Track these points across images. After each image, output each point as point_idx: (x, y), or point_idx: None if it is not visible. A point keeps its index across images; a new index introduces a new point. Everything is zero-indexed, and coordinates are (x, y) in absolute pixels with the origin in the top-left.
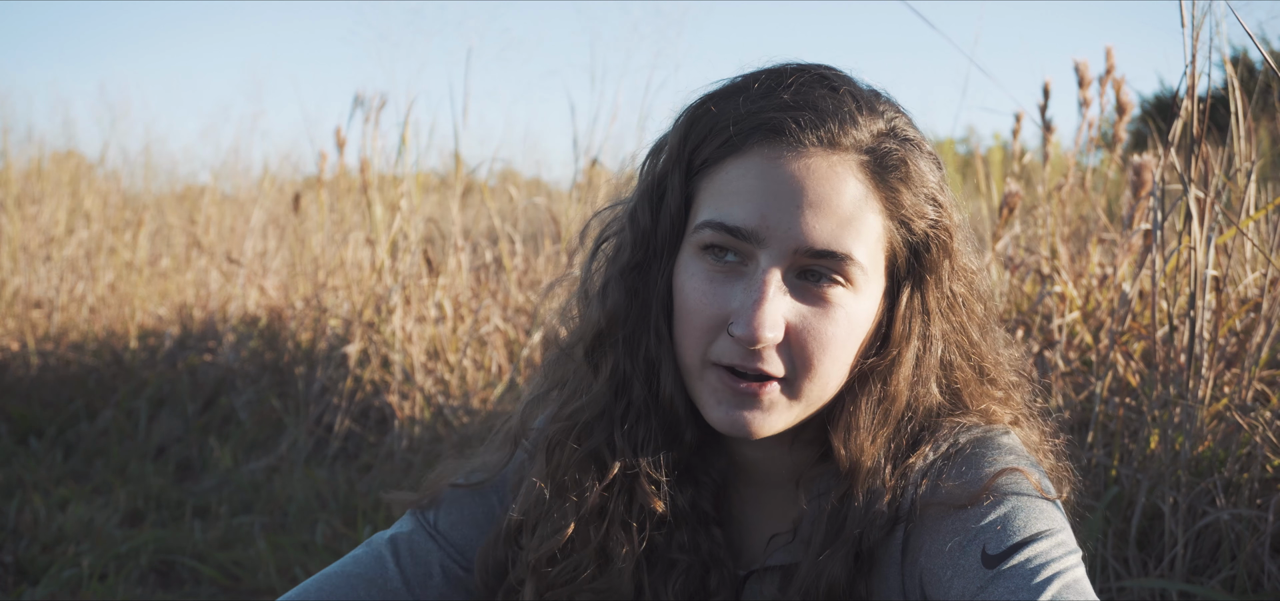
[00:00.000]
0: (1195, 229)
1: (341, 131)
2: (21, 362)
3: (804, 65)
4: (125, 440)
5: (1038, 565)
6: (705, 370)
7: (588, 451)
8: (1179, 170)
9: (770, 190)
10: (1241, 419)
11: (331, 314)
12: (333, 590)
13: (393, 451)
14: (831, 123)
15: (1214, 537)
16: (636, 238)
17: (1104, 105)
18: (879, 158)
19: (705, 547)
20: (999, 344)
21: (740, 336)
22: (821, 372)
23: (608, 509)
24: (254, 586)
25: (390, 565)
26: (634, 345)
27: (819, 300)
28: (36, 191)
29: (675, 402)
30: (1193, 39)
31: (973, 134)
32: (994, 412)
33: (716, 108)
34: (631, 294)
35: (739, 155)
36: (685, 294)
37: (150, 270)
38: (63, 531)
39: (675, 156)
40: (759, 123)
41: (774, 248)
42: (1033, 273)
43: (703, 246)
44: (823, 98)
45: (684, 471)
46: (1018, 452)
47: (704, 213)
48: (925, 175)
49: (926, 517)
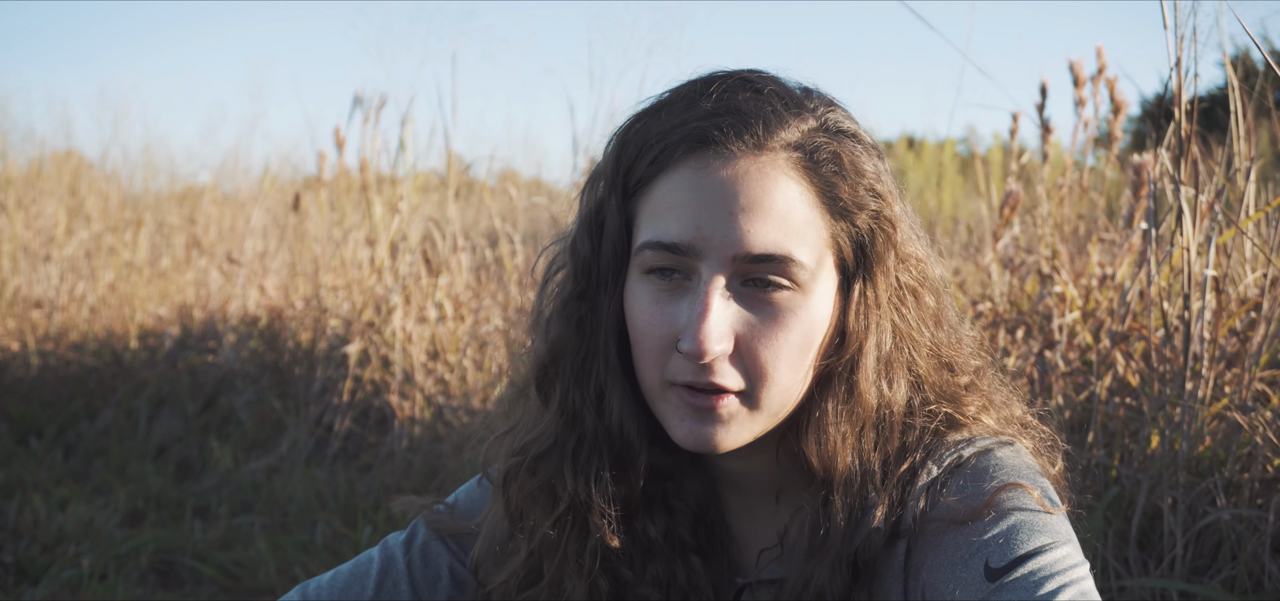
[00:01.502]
0: (1187, 229)
1: (341, 131)
2: (22, 363)
3: (727, 72)
4: (125, 440)
5: (1042, 577)
6: (665, 391)
7: (539, 484)
8: (1169, 170)
9: (702, 201)
10: (1242, 419)
11: (332, 314)
12: (342, 591)
13: (393, 451)
14: (757, 125)
15: (1214, 537)
16: (577, 268)
17: (1099, 105)
18: (810, 154)
19: (682, 578)
20: (959, 328)
21: (687, 352)
22: (777, 380)
23: (561, 543)
24: (254, 586)
25: (400, 567)
26: (583, 376)
27: (766, 306)
28: (37, 192)
29: (625, 429)
30: (1177, 40)
31: (972, 134)
32: (962, 399)
33: (643, 126)
34: (577, 325)
35: (669, 171)
36: (635, 318)
37: (150, 270)
38: (63, 531)
39: (610, 182)
40: (684, 135)
41: (713, 258)
42: (1033, 272)
43: (646, 268)
44: (746, 101)
45: (655, 500)
46: (1021, 466)
47: (642, 234)
48: (862, 167)
49: (928, 532)
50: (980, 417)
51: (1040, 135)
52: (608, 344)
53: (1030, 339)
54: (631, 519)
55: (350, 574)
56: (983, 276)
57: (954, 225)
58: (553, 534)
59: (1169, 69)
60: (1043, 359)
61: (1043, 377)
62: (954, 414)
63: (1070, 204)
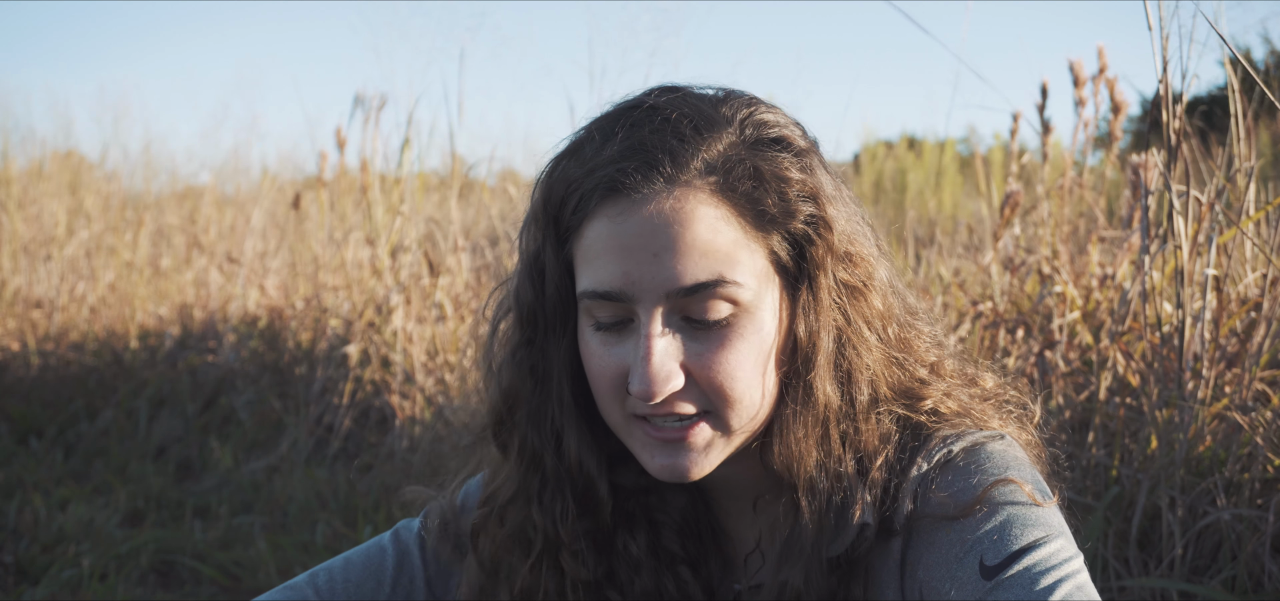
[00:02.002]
0: (1179, 229)
1: (342, 131)
2: (22, 362)
3: (636, 101)
4: (126, 440)
5: (1039, 572)
6: (631, 426)
7: (508, 533)
8: (1161, 170)
9: (623, 247)
10: (1242, 419)
11: (332, 314)
12: (356, 589)
13: (393, 451)
14: (665, 161)
15: (1214, 537)
16: (523, 316)
17: (1099, 105)
18: (725, 174)
19: (671, 589)
20: (914, 322)
21: (637, 394)
22: (739, 398)
23: (540, 584)
24: (254, 586)
25: (414, 553)
26: (539, 419)
27: (711, 331)
28: (37, 192)
29: (584, 466)
30: (1162, 41)
31: (973, 133)
32: (920, 391)
33: (562, 171)
34: (528, 371)
35: (591, 218)
36: (588, 362)
37: (150, 270)
38: (63, 531)
39: (543, 228)
40: (596, 183)
41: (647, 299)
42: (1033, 273)
43: (591, 314)
44: (654, 136)
45: (636, 515)
46: (1011, 459)
47: (580, 282)
48: (787, 173)
49: (921, 530)
50: (941, 408)
51: (1040, 135)
52: (561, 386)
53: (1030, 339)
54: (612, 538)
55: (363, 566)
56: (983, 276)
57: (954, 225)
58: (530, 579)
59: (1158, 70)
60: (1043, 359)
61: (1043, 377)
62: (914, 406)
63: (1070, 204)
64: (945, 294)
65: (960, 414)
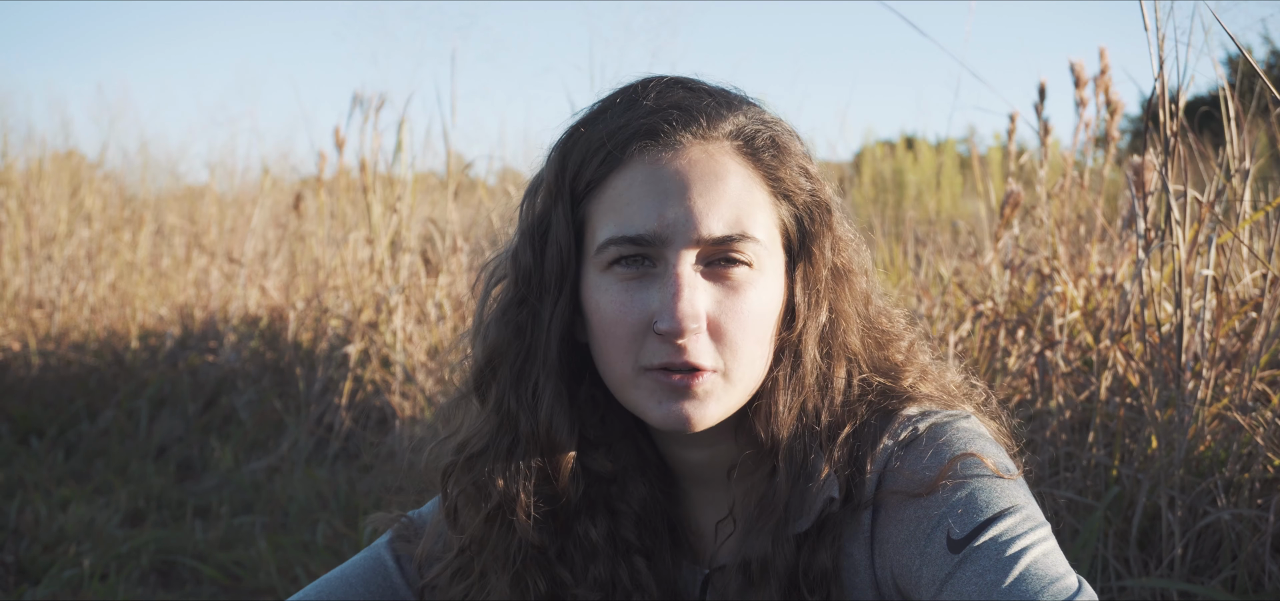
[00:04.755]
0: (1176, 230)
1: (341, 131)
2: (22, 363)
3: (656, 75)
4: (126, 440)
5: (1004, 542)
6: (639, 377)
7: (471, 482)
8: (1158, 171)
9: (660, 191)
10: (1242, 419)
11: (332, 314)
12: (335, 593)
13: (393, 451)
14: (700, 116)
15: (1214, 537)
16: (518, 276)
17: (1099, 105)
18: (749, 139)
19: (625, 578)
20: (887, 307)
21: (666, 330)
22: (746, 352)
23: (488, 538)
24: (255, 586)
25: (391, 566)
26: (520, 379)
27: (730, 284)
28: (37, 192)
29: (555, 427)
30: (1159, 41)
31: (973, 134)
32: (898, 371)
33: (586, 132)
34: (516, 330)
35: (621, 167)
36: (603, 311)
37: (151, 270)
38: (64, 531)
39: (554, 191)
40: (634, 131)
41: (678, 242)
42: (1033, 273)
43: (611, 261)
44: (684, 97)
45: (597, 503)
46: (974, 434)
47: (603, 231)
48: (795, 150)
49: (888, 506)
50: (918, 387)
51: (1039, 136)
52: (547, 347)
53: (1030, 339)
54: (572, 521)
55: (341, 579)
56: (983, 276)
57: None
58: (481, 530)
59: (1155, 71)
60: (1043, 359)
61: (1043, 377)
62: (891, 385)
63: (1070, 204)
64: (945, 294)
65: (932, 394)
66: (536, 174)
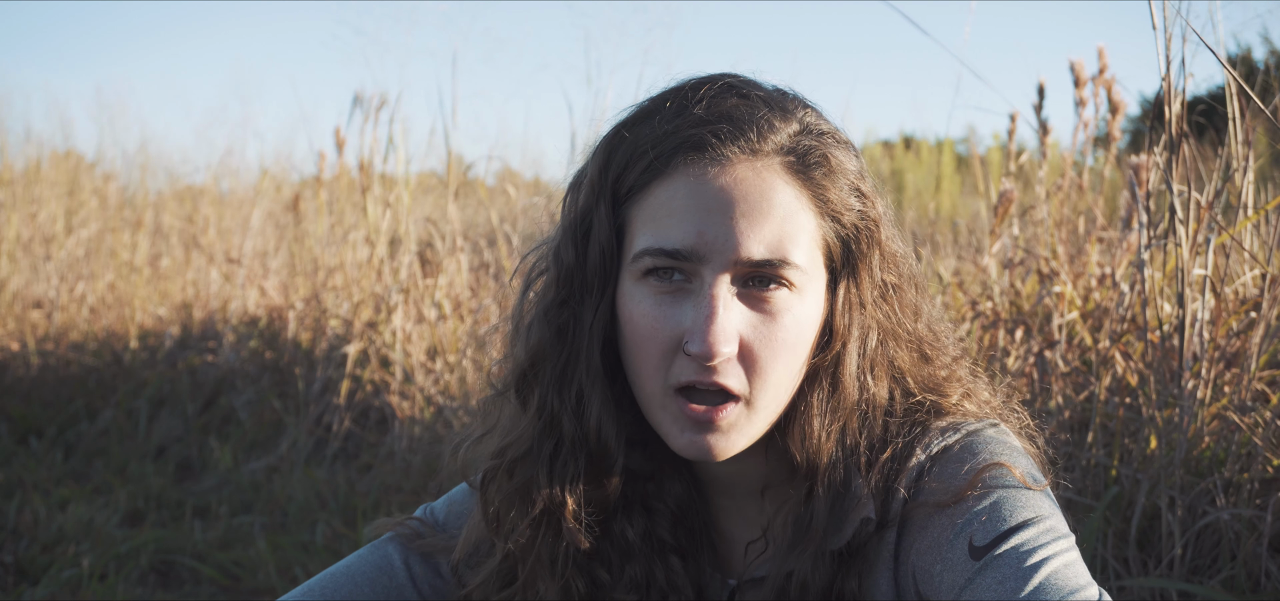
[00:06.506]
0: (1178, 230)
1: (341, 131)
2: (22, 363)
3: (710, 76)
4: (125, 440)
5: (1025, 551)
6: (667, 398)
7: (515, 487)
8: (1161, 170)
9: (702, 207)
10: (1241, 419)
11: (331, 314)
12: (340, 588)
13: (393, 451)
14: (750, 130)
15: (1214, 537)
16: (561, 275)
17: (1099, 105)
18: (800, 156)
19: (661, 578)
20: (935, 322)
21: (696, 353)
22: (774, 380)
23: (535, 545)
24: (254, 586)
25: (397, 562)
26: (563, 381)
27: (765, 307)
28: (36, 192)
29: (603, 433)
30: (1166, 41)
31: (972, 134)
32: (944, 388)
33: (631, 133)
34: (558, 331)
35: (664, 177)
36: (635, 322)
37: (150, 270)
38: (63, 531)
39: (597, 189)
40: (680, 142)
41: (715, 261)
42: (1032, 273)
43: (645, 271)
44: (736, 107)
45: (634, 501)
46: (1003, 446)
47: (640, 241)
48: (846, 167)
49: (916, 518)
50: (963, 404)
51: (1038, 135)
52: (590, 350)
53: (1030, 339)
54: (609, 521)
55: (346, 573)
56: (982, 276)
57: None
58: (527, 536)
59: (1161, 70)
60: (1043, 359)
61: (1043, 377)
62: (938, 402)
63: (1070, 204)
64: (944, 294)
65: (972, 412)
66: (579, 169)
